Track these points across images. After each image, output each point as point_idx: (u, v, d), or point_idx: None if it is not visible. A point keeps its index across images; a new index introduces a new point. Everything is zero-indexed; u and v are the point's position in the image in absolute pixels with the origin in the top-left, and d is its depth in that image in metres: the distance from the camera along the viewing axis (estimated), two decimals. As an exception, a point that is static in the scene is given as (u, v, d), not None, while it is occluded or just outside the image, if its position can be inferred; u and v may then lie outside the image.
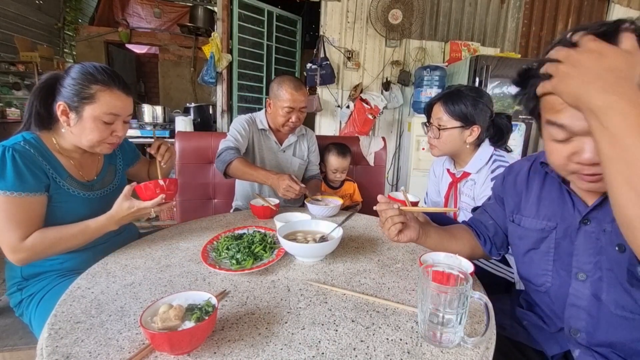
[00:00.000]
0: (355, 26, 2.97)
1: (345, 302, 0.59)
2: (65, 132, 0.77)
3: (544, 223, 0.62)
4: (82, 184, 0.82)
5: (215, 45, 2.79)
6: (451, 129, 0.99)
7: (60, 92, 0.75)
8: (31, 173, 0.71)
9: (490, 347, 0.49)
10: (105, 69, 0.78)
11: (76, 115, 0.75)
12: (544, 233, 0.62)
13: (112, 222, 0.77)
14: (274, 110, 1.30)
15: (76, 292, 0.60)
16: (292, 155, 1.41)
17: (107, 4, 4.65)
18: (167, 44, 4.67)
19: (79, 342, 0.47)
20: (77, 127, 0.76)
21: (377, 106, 2.84)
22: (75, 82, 0.74)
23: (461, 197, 1.07)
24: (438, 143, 1.03)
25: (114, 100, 0.77)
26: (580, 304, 0.57)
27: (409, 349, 0.47)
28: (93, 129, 0.76)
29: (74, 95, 0.74)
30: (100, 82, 0.75)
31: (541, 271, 0.63)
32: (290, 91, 1.25)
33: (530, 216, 0.65)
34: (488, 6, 3.08)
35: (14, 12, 3.55)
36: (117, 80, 0.78)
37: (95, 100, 0.75)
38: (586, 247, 0.56)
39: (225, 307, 0.56)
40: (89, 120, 0.76)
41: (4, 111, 3.26)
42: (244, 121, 1.32)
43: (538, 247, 0.63)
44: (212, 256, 0.75)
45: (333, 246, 0.74)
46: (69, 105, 0.75)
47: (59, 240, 0.73)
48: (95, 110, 0.75)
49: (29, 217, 0.70)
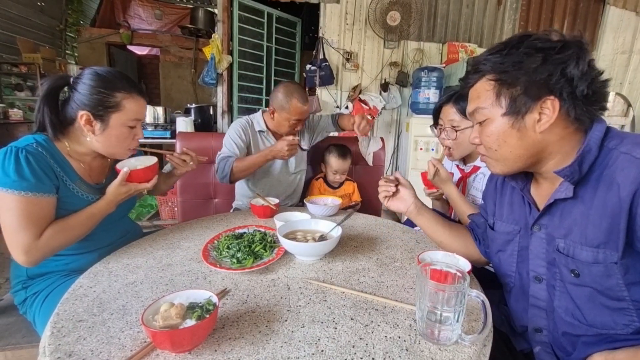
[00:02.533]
0: (354, 28, 2.98)
1: (345, 300, 0.59)
2: (90, 140, 0.78)
3: (510, 227, 0.65)
4: (91, 187, 0.82)
5: (215, 46, 2.81)
6: (466, 128, 0.97)
7: (79, 100, 0.75)
8: (44, 174, 0.71)
9: (488, 345, 0.50)
10: (122, 75, 0.79)
11: (102, 124, 0.76)
12: (510, 236, 0.65)
13: (112, 205, 0.80)
14: (279, 120, 1.29)
15: (78, 290, 0.61)
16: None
17: (109, 6, 4.67)
18: (168, 45, 4.69)
19: (81, 341, 0.47)
20: (103, 135, 0.77)
21: (376, 107, 2.85)
22: (96, 90, 0.74)
23: (470, 191, 1.08)
24: (455, 144, 1.01)
25: (137, 106, 0.80)
26: (540, 304, 0.60)
27: (408, 347, 0.48)
28: (119, 136, 0.79)
29: (98, 104, 0.75)
30: (123, 90, 0.77)
31: (507, 272, 0.66)
32: (299, 105, 1.24)
33: (501, 219, 0.68)
34: (485, 8, 3.10)
35: (16, 14, 3.56)
36: (135, 86, 0.80)
37: (122, 108, 0.77)
38: (538, 251, 0.59)
39: (226, 306, 0.57)
40: (116, 128, 0.78)
41: (6, 112, 3.26)
42: (239, 128, 1.29)
43: (505, 249, 0.66)
44: (213, 255, 0.76)
45: (332, 245, 0.75)
46: (94, 114, 0.75)
47: (70, 230, 0.74)
48: (122, 118, 0.77)
49: (43, 216, 0.71)
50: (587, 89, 0.49)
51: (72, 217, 0.75)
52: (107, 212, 0.80)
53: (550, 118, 0.51)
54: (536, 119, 0.52)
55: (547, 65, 0.50)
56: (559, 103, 0.50)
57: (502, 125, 0.55)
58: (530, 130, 0.53)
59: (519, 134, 0.53)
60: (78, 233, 0.76)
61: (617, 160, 0.49)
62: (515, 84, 0.52)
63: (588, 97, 0.50)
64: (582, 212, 0.52)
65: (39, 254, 0.70)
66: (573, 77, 0.49)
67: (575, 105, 0.50)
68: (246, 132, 1.30)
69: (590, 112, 0.51)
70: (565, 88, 0.49)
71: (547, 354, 0.60)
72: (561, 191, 0.54)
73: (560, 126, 0.52)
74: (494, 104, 0.55)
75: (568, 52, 0.49)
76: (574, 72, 0.49)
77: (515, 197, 0.66)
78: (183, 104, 3.93)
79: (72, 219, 0.75)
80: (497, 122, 0.55)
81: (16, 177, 0.67)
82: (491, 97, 0.55)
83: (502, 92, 0.54)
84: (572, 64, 0.49)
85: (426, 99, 2.67)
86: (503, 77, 0.53)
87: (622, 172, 0.48)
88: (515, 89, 0.52)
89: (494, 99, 0.55)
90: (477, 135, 0.60)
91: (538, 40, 0.51)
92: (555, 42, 0.50)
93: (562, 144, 0.54)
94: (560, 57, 0.49)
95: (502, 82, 0.53)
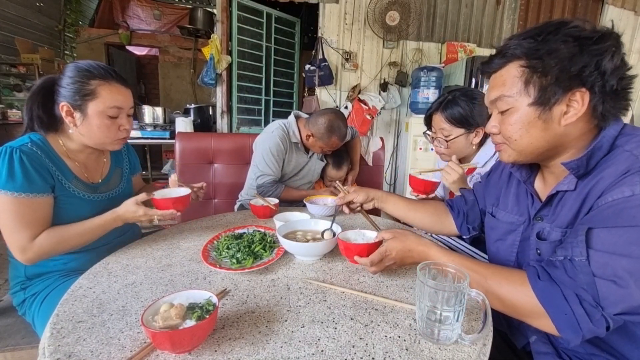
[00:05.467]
0: (353, 28, 2.98)
1: (344, 300, 0.59)
2: (73, 132, 0.78)
3: (515, 217, 0.65)
4: (87, 185, 0.82)
5: (214, 46, 2.80)
6: (457, 137, 1.01)
7: (60, 92, 0.76)
8: (38, 174, 0.71)
9: (488, 344, 0.50)
10: (99, 64, 0.78)
11: (81, 114, 0.76)
12: (512, 226, 0.65)
13: (119, 220, 0.78)
14: (313, 144, 1.31)
15: (78, 291, 0.60)
16: (317, 158, 1.44)
17: (107, 6, 4.67)
18: (167, 45, 4.69)
19: (81, 341, 0.47)
20: (84, 126, 0.77)
21: (375, 107, 2.85)
22: (73, 80, 0.75)
23: None
24: (447, 151, 1.05)
25: (115, 93, 0.78)
26: None
27: (407, 346, 0.48)
28: (100, 125, 0.77)
29: (74, 93, 0.74)
30: (98, 77, 0.76)
31: (505, 261, 0.66)
32: (338, 142, 1.28)
33: (505, 209, 0.68)
34: (484, 8, 3.10)
35: (15, 14, 3.56)
36: (113, 74, 0.79)
37: (97, 96, 0.76)
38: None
39: (226, 306, 0.57)
40: (94, 117, 0.76)
41: (5, 113, 3.26)
42: (280, 143, 1.26)
43: (505, 238, 0.66)
44: (213, 255, 0.75)
45: (332, 245, 0.75)
46: (72, 104, 0.75)
47: (66, 239, 0.74)
48: (99, 106, 0.76)
49: (37, 217, 0.71)
50: (617, 84, 0.48)
51: (71, 227, 0.75)
52: (111, 227, 0.79)
53: (578, 111, 0.49)
54: (563, 111, 0.50)
55: (583, 56, 0.47)
56: (589, 96, 0.48)
57: (527, 116, 0.52)
58: (555, 123, 0.51)
59: (544, 125, 0.51)
60: (75, 243, 0.76)
61: (618, 157, 0.49)
62: (547, 72, 0.49)
63: (617, 92, 0.48)
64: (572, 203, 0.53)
65: (34, 255, 0.71)
66: (606, 70, 0.47)
67: (604, 100, 0.48)
68: (284, 146, 1.30)
69: (616, 109, 0.50)
70: (597, 81, 0.47)
71: (542, 343, 0.60)
72: (564, 183, 0.54)
73: (584, 120, 0.51)
74: (521, 93, 0.51)
75: (606, 44, 0.47)
76: (608, 65, 0.47)
77: (520, 189, 0.66)
78: (182, 104, 3.93)
79: (71, 228, 0.75)
80: (521, 112, 0.52)
81: (7, 178, 0.68)
82: (518, 84, 0.51)
83: (531, 80, 0.50)
84: (607, 57, 0.47)
85: (425, 99, 2.67)
86: (536, 65, 0.49)
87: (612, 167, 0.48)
88: (546, 78, 0.49)
89: (522, 87, 0.51)
90: (496, 124, 0.57)
91: (576, 28, 0.48)
92: (593, 32, 0.48)
93: (581, 140, 0.52)
94: (598, 48, 0.47)
95: (534, 70, 0.50)
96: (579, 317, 0.45)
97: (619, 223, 0.44)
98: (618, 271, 0.43)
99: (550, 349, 0.59)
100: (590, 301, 0.45)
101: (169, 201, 0.79)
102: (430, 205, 0.87)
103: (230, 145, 1.51)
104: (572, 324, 0.45)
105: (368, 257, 0.62)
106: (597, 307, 0.44)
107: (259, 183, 1.27)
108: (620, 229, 0.44)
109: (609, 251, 0.45)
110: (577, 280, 0.46)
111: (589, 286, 0.45)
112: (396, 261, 0.63)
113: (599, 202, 0.48)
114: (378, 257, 0.62)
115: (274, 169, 1.27)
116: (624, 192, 0.45)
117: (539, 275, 0.50)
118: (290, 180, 1.39)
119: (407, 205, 0.86)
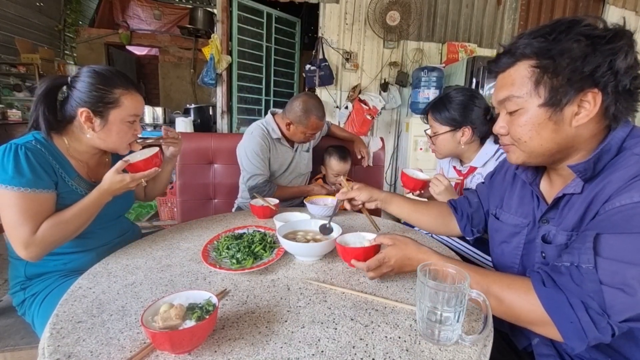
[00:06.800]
0: (354, 28, 2.98)
1: (345, 300, 0.59)
2: (91, 136, 0.79)
3: (519, 219, 0.64)
4: (90, 184, 0.82)
5: (215, 46, 2.80)
6: (442, 134, 1.05)
7: (79, 97, 0.76)
8: (43, 170, 0.72)
9: (488, 345, 0.50)
10: (120, 72, 0.81)
11: (101, 120, 0.78)
12: (517, 229, 0.64)
13: (106, 194, 0.78)
14: (295, 131, 1.30)
15: (77, 291, 0.60)
16: (303, 150, 1.44)
17: (108, 6, 4.67)
18: (167, 45, 4.69)
19: (81, 342, 0.47)
20: (104, 131, 0.79)
21: (376, 107, 2.85)
22: (94, 87, 0.76)
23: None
24: (436, 148, 1.10)
25: (135, 102, 0.82)
26: None
27: (408, 347, 0.48)
28: (119, 132, 0.80)
29: (97, 101, 0.76)
30: (121, 87, 0.79)
31: (509, 263, 0.65)
32: (317, 122, 1.27)
33: (509, 211, 0.67)
34: (485, 8, 3.10)
35: (15, 14, 3.56)
36: (133, 83, 0.82)
37: (120, 104, 0.79)
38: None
39: (226, 306, 0.57)
40: (115, 124, 0.79)
41: (5, 112, 3.26)
42: (261, 142, 1.27)
43: (510, 241, 0.65)
44: (213, 256, 0.75)
45: (332, 245, 0.75)
46: (93, 111, 0.77)
47: (65, 222, 0.73)
48: (121, 114, 0.79)
49: (41, 212, 0.71)
50: (630, 84, 0.46)
51: (66, 211, 0.75)
52: (102, 203, 0.78)
53: (590, 112, 0.48)
54: (574, 112, 0.48)
55: (596, 56, 0.45)
56: (601, 97, 0.47)
57: (537, 117, 0.50)
58: (566, 124, 0.49)
59: (555, 126, 0.50)
60: (74, 227, 0.75)
61: (626, 161, 0.47)
62: (559, 73, 0.47)
63: (630, 92, 0.47)
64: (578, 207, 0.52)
65: (38, 249, 0.70)
66: (619, 70, 0.45)
67: (617, 100, 0.47)
68: (267, 144, 1.30)
69: (628, 110, 0.48)
70: (610, 81, 0.46)
71: (545, 346, 0.59)
72: (571, 186, 0.53)
73: (595, 121, 0.49)
74: (531, 93, 0.50)
75: (619, 43, 0.45)
76: (621, 64, 0.45)
77: (525, 190, 0.65)
78: (182, 104, 3.93)
79: (66, 212, 0.75)
80: (531, 113, 0.51)
81: (14, 174, 0.68)
82: (528, 85, 0.50)
83: (542, 80, 0.49)
84: (621, 56, 0.45)
85: (426, 99, 2.67)
86: (547, 65, 0.47)
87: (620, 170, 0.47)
88: (558, 79, 0.47)
89: (532, 88, 0.49)
90: (505, 125, 0.55)
91: (588, 27, 0.46)
92: (606, 30, 0.46)
93: (591, 142, 0.51)
94: (611, 47, 0.45)
95: (545, 70, 0.48)
96: (584, 325, 0.44)
97: (628, 229, 0.44)
98: (627, 279, 0.43)
99: (553, 351, 0.58)
100: (596, 309, 0.44)
101: (139, 164, 0.81)
102: (435, 207, 0.87)
103: (230, 146, 1.51)
104: (578, 332, 0.44)
105: (365, 263, 0.61)
106: (604, 315, 0.44)
107: (251, 185, 1.26)
108: (630, 236, 0.43)
109: (618, 259, 0.44)
110: (584, 288, 0.45)
111: (596, 294, 0.44)
112: (394, 269, 0.62)
113: (606, 207, 0.47)
114: (376, 263, 0.61)
115: (262, 168, 1.27)
116: (633, 198, 0.44)
117: (544, 282, 0.49)
118: (280, 177, 1.38)
119: (411, 207, 0.85)
